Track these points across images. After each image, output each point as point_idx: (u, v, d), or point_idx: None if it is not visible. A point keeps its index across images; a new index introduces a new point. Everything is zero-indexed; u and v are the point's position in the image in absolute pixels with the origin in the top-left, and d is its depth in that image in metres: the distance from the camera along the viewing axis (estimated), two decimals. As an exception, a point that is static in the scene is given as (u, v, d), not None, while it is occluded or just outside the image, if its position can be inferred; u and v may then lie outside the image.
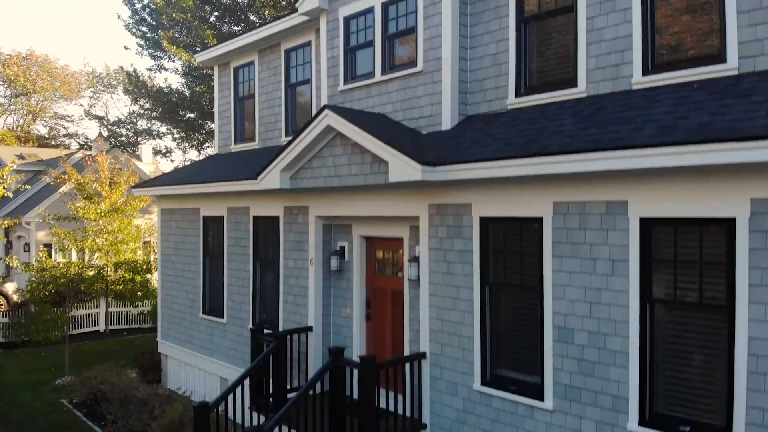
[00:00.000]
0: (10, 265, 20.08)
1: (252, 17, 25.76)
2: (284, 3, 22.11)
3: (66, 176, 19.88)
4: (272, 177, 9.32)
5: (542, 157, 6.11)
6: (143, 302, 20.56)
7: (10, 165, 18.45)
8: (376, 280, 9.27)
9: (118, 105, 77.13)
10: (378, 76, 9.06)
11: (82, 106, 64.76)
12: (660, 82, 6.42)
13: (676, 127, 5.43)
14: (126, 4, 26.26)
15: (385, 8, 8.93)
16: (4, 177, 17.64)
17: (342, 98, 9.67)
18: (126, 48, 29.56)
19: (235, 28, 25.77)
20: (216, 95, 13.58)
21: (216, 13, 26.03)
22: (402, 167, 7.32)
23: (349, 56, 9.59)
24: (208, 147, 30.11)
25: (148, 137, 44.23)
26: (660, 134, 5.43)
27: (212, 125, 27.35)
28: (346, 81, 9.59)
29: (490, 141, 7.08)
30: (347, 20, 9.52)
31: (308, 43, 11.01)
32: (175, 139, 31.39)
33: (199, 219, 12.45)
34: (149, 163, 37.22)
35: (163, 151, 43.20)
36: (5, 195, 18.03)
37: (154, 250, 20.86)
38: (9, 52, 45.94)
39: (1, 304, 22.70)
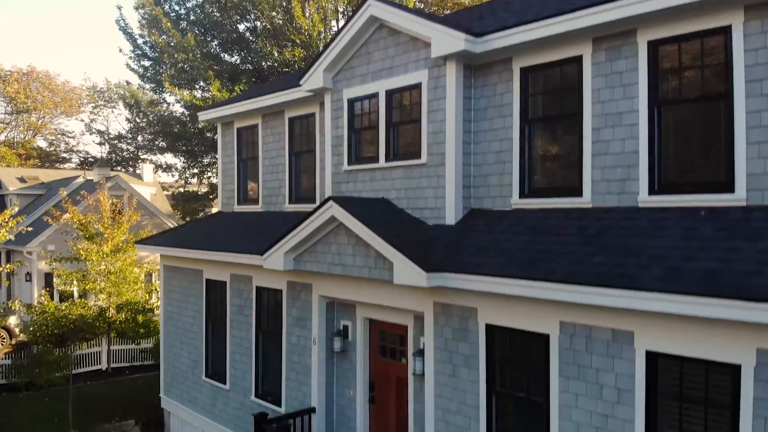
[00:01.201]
0: (13, 308, 20.09)
1: (253, 44, 25.75)
2: (285, 40, 22.13)
3: (68, 216, 19.86)
4: (276, 258, 9.33)
5: (547, 283, 6.11)
6: (146, 339, 20.57)
7: (12, 207, 18.42)
8: (380, 363, 9.27)
9: (119, 119, 77.25)
10: (382, 162, 9.06)
11: (83, 121, 64.82)
12: (667, 203, 6.41)
13: (683, 271, 5.42)
14: (127, 39, 26.27)
15: (389, 96, 8.92)
16: (6, 221, 17.63)
17: (346, 177, 9.68)
18: (128, 83, 29.47)
19: (236, 57, 25.78)
20: (219, 153, 13.58)
21: (218, 40, 25.99)
22: (407, 271, 7.33)
23: (353, 137, 9.59)
24: (210, 177, 30.13)
25: (149, 152, 44.27)
26: (667, 277, 5.42)
27: (215, 155, 27.37)
28: (350, 162, 9.59)
29: (495, 251, 7.07)
30: (351, 102, 9.52)
31: (312, 114, 11.00)
32: (177, 170, 31.42)
33: (201, 281, 12.45)
34: (150, 184, 37.26)
35: (164, 166, 43.21)
36: (8, 238, 18.00)
37: (156, 289, 20.86)
38: (9, 68, 46.01)
39: (3, 338, 22.75)
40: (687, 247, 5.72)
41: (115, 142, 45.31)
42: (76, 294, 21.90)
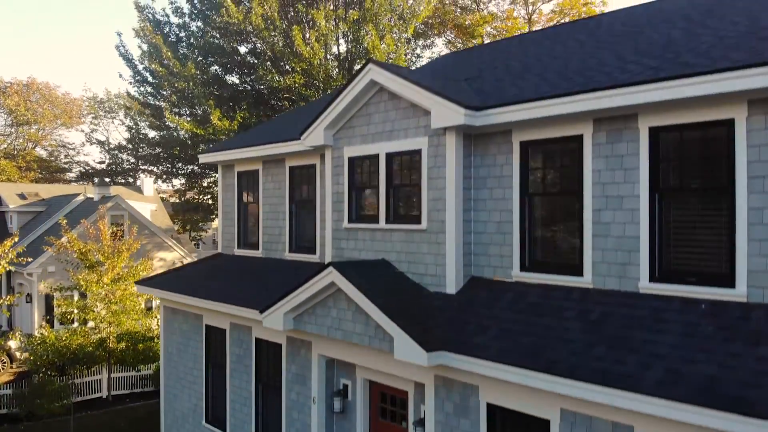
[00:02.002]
0: (13, 340, 20.09)
1: (253, 70, 25.72)
2: (285, 65, 22.12)
3: (68, 243, 19.86)
4: (276, 318, 9.31)
5: (548, 375, 6.09)
6: (146, 366, 20.56)
7: (12, 237, 18.42)
8: (380, 425, 9.24)
9: (120, 129, 77.32)
10: (382, 224, 9.04)
11: (83, 131, 64.84)
12: (667, 292, 6.38)
13: (683, 375, 5.40)
14: (127, 65, 26.27)
15: (389, 158, 8.91)
16: (6, 251, 17.62)
17: (347, 234, 9.66)
18: (128, 108, 29.56)
19: (236, 78, 25.76)
20: (220, 194, 13.56)
21: (218, 64, 25.96)
22: (407, 347, 7.30)
23: (353, 195, 9.57)
24: (209, 197, 30.11)
25: (148, 163, 44.31)
26: (667, 381, 5.40)
27: (215, 175, 27.33)
28: (350, 220, 9.57)
29: (496, 330, 7.05)
30: (352, 161, 9.50)
31: (313, 166, 10.97)
32: (177, 191, 31.40)
33: (201, 326, 12.43)
34: (150, 198, 37.23)
35: (164, 176, 43.21)
36: (8, 269, 17.99)
37: (156, 316, 20.85)
38: (9, 80, 45.99)
39: (5, 362, 22.76)
40: (687, 347, 5.69)
41: (116, 152, 45.35)
42: (75, 322, 21.84)
